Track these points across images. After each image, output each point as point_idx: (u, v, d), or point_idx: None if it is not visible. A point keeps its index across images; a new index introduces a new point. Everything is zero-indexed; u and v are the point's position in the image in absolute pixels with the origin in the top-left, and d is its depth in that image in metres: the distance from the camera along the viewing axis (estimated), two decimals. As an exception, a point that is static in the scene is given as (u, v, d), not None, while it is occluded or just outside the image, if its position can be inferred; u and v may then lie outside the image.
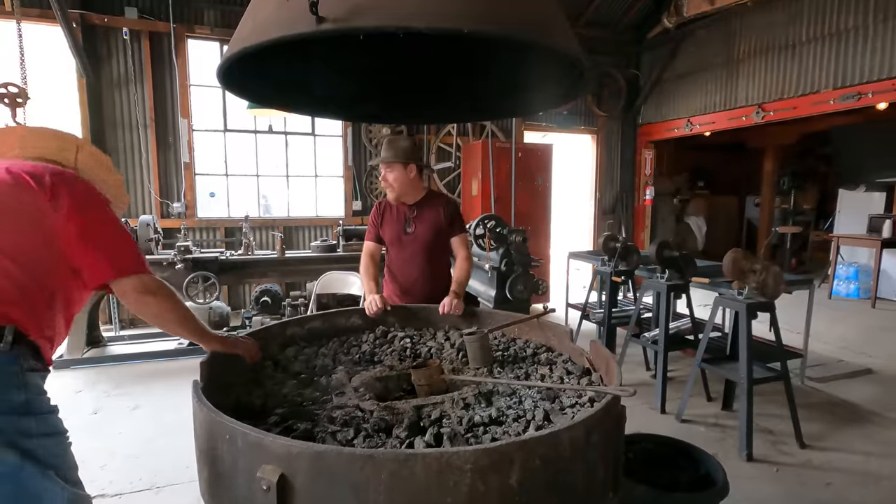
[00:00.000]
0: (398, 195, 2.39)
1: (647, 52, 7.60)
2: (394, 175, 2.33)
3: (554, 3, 1.26)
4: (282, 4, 1.10)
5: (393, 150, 2.32)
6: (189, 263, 4.41)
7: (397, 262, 2.51)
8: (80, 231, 1.19)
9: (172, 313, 1.32)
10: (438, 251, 2.48)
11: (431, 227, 2.42)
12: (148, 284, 1.27)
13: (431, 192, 2.53)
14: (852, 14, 5.05)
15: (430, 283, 2.46)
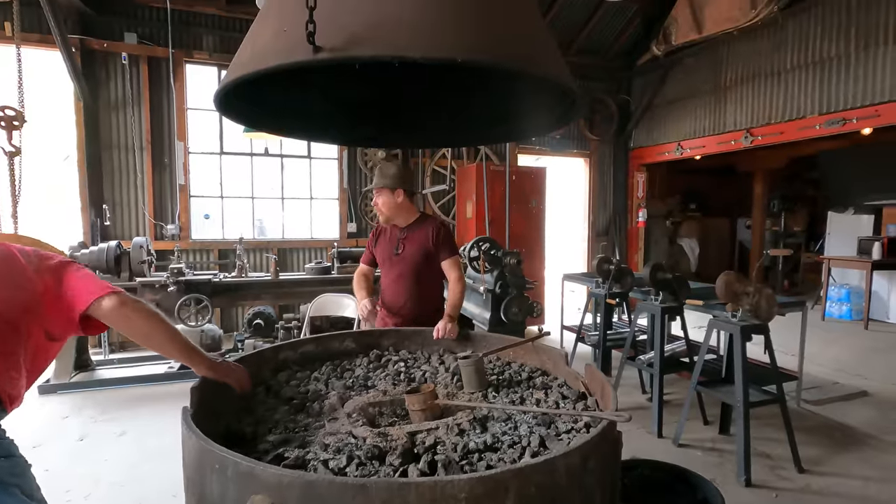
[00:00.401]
0: (387, 218, 2.51)
1: (637, 78, 7.77)
2: (382, 199, 2.45)
3: (545, 33, 1.29)
4: (279, 33, 1.13)
5: (381, 176, 2.45)
6: (182, 286, 4.38)
7: (387, 282, 2.57)
8: (56, 282, 1.26)
9: (157, 327, 1.32)
10: (427, 273, 2.51)
11: (420, 248, 2.47)
12: (125, 299, 1.29)
13: (424, 215, 2.60)
14: (834, 43, 5.20)
15: (418, 304, 2.49)
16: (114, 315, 1.27)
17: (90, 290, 1.26)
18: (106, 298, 1.26)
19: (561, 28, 6.88)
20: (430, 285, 2.55)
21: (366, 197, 6.55)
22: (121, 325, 1.29)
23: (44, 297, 1.24)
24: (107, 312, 1.27)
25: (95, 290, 1.27)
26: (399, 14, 1.04)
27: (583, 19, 6.92)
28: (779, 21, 5.58)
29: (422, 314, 2.45)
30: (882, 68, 4.80)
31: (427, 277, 2.52)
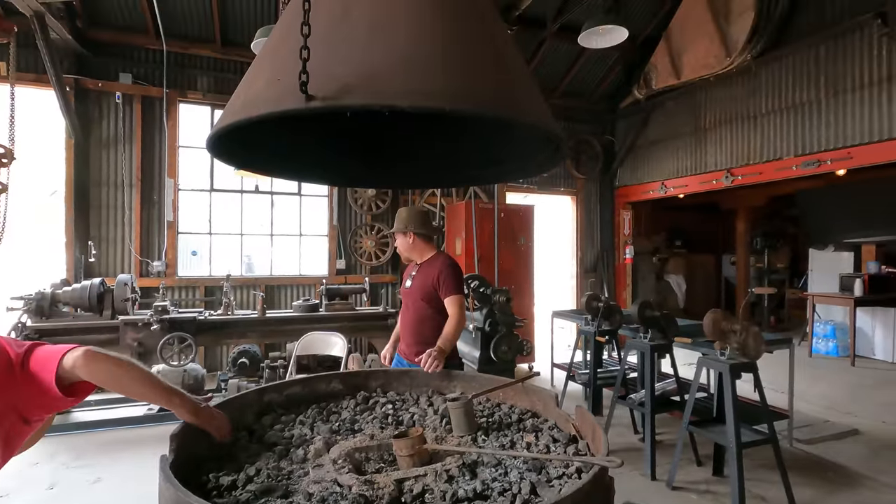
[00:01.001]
0: (406, 257, 2.88)
1: (620, 120, 8.05)
2: (399, 241, 2.77)
3: (530, 80, 1.35)
4: (273, 82, 1.16)
5: (396, 220, 2.75)
6: (165, 324, 4.29)
7: (401, 314, 2.87)
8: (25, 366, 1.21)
9: (131, 373, 1.27)
10: (426, 309, 2.67)
11: (423, 284, 2.68)
12: (90, 351, 1.24)
13: (439, 253, 2.79)
14: (805, 90, 5.47)
15: (416, 333, 2.68)
16: (82, 367, 1.21)
17: (53, 356, 1.21)
18: (68, 355, 1.21)
19: (546, 73, 7.16)
20: (429, 322, 2.65)
21: (355, 234, 6.57)
22: (93, 376, 1.24)
23: (20, 384, 1.19)
24: (73, 367, 1.21)
25: (58, 353, 1.23)
26: (389, 64, 1.08)
27: (567, 65, 7.21)
28: (752, 69, 5.87)
29: (418, 342, 2.61)
30: (852, 114, 5.04)
31: (426, 314, 2.67)
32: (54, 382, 1.18)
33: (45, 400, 1.21)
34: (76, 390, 1.23)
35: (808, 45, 5.39)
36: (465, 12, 1.25)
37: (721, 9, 5.70)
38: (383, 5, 1.17)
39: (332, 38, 1.12)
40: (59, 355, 1.21)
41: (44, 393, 1.19)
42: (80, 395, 1.25)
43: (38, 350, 1.23)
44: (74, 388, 1.23)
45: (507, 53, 1.32)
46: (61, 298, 4.27)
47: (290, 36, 1.16)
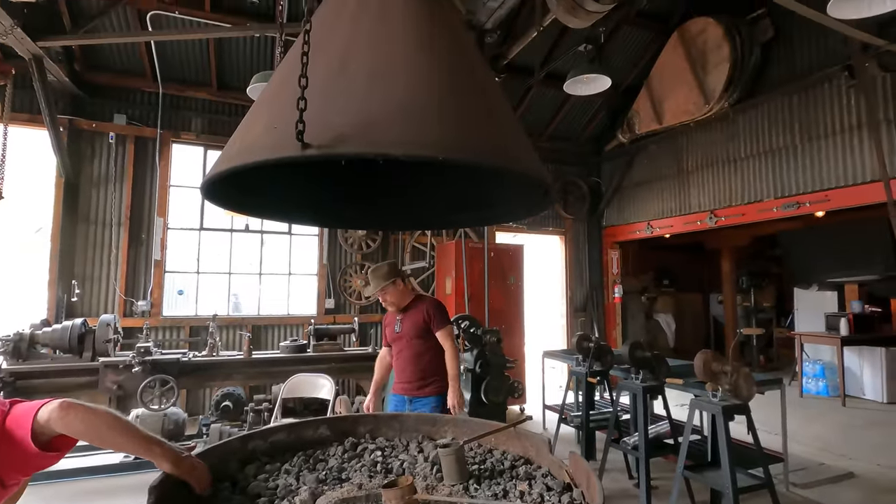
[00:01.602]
0: (397, 307, 2.99)
1: (606, 162, 8.28)
2: (390, 294, 2.94)
3: (518, 129, 1.39)
4: (269, 130, 1.19)
5: (378, 279, 2.91)
6: (147, 366, 4.17)
7: (394, 357, 3.08)
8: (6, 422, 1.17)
9: (108, 422, 1.22)
10: (422, 345, 2.97)
11: (414, 325, 2.95)
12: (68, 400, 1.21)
13: (418, 295, 3.09)
14: (781, 135, 5.70)
15: (415, 368, 2.97)
16: (58, 420, 1.16)
17: (28, 411, 1.17)
18: (43, 408, 1.17)
19: (534, 117, 7.40)
20: (428, 356, 2.99)
21: (345, 273, 6.55)
22: (69, 428, 1.19)
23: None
24: (48, 421, 1.16)
25: (33, 407, 1.19)
26: (384, 115, 1.12)
27: (553, 110, 7.47)
28: (730, 116, 6.13)
29: (418, 377, 2.96)
30: (826, 158, 5.25)
31: (424, 349, 2.97)
32: (30, 438, 1.13)
33: (23, 458, 1.15)
34: (54, 446, 1.18)
35: (781, 94, 5.66)
36: (457, 65, 1.31)
37: (698, 60, 6.00)
38: (379, 59, 1.22)
39: (328, 90, 1.17)
40: (35, 409, 1.17)
41: (21, 451, 1.14)
42: (59, 450, 1.20)
43: (16, 408, 1.19)
44: (52, 444, 1.18)
45: (497, 104, 1.37)
46: (40, 340, 4.15)
47: (288, 86, 1.19)
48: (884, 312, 7.43)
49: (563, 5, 3.55)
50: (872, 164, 4.77)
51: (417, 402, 3.01)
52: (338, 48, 1.29)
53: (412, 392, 2.98)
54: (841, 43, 4.91)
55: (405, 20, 1.35)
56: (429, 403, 2.99)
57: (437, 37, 1.34)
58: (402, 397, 3.06)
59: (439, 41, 1.33)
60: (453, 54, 1.33)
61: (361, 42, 1.29)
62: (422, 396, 2.99)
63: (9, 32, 3.96)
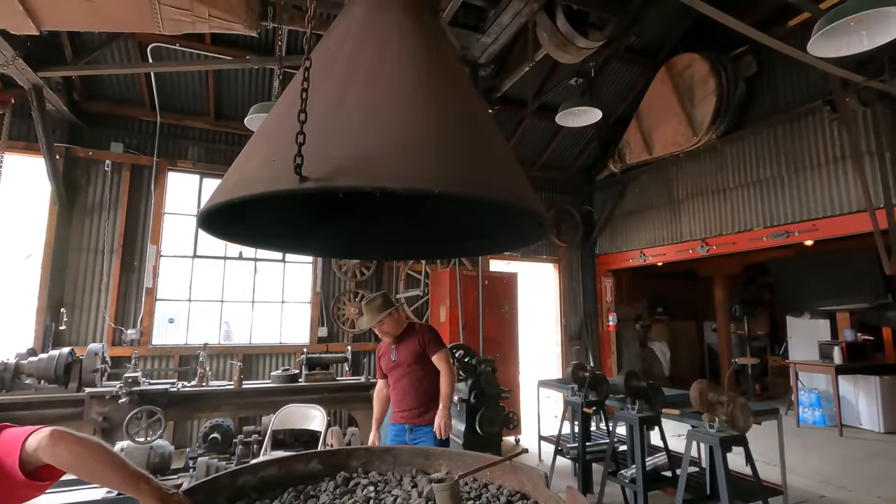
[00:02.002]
0: (393, 336, 3.02)
1: (598, 191, 8.40)
2: (388, 325, 2.98)
3: (514, 163, 1.42)
4: (268, 162, 1.21)
5: (375, 311, 2.94)
6: (135, 396, 4.07)
7: (392, 386, 3.09)
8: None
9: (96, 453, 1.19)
10: (420, 371, 3.00)
11: (411, 352, 2.99)
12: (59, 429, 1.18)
13: (411, 324, 3.13)
14: (768, 166, 5.83)
15: (414, 396, 2.99)
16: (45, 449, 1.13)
17: (17, 438, 1.14)
18: (32, 436, 1.14)
19: (527, 147, 7.54)
20: (425, 382, 3.02)
21: (338, 301, 6.51)
22: (57, 458, 1.15)
23: None
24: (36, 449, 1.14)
25: (22, 435, 1.16)
26: (381, 149, 1.14)
27: (546, 141, 7.62)
28: (718, 147, 6.28)
29: (418, 404, 2.98)
30: (813, 188, 5.36)
31: (420, 375, 3.00)
32: (17, 466, 1.10)
33: (10, 487, 1.11)
34: (40, 475, 1.15)
35: (766, 127, 5.82)
36: (453, 101, 1.34)
37: (685, 93, 6.18)
38: (376, 95, 1.25)
39: (327, 124, 1.19)
40: (24, 437, 1.14)
41: (8, 480, 1.10)
42: (44, 480, 1.16)
43: (5, 433, 1.16)
44: (38, 473, 1.15)
45: (492, 138, 1.40)
46: (25, 370, 4.06)
47: (287, 120, 1.22)
48: (876, 341, 7.46)
49: (555, 42, 3.67)
50: (858, 194, 4.87)
51: (419, 430, 2.99)
52: (336, 84, 1.32)
53: (412, 420, 2.98)
54: (822, 79, 5.08)
55: (402, 57, 1.39)
56: (430, 431, 2.96)
57: (434, 73, 1.38)
58: (402, 426, 3.04)
59: (436, 78, 1.37)
60: (449, 90, 1.36)
61: (360, 78, 1.33)
62: (422, 424, 2.98)
63: (10, 63, 4.02)
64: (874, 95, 4.62)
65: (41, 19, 2.56)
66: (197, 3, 2.35)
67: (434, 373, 3.06)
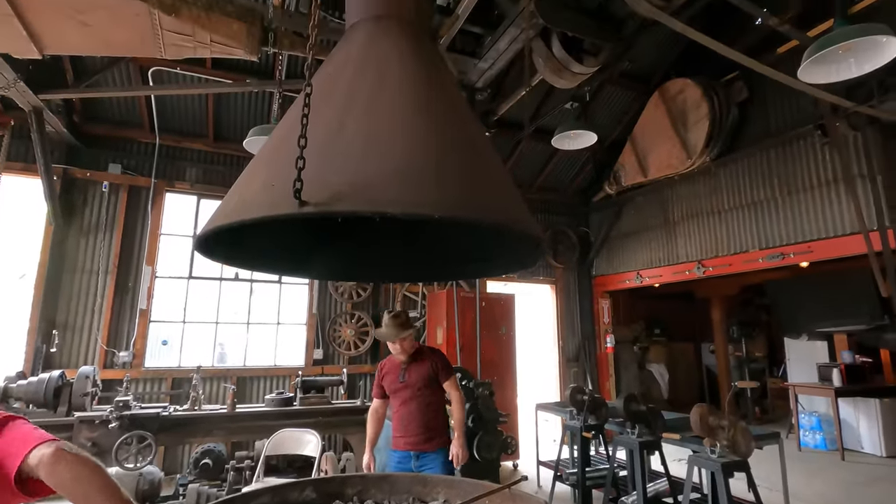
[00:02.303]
0: (407, 355, 2.96)
1: (594, 213, 8.45)
2: (409, 342, 2.95)
3: (511, 188, 1.43)
4: (267, 187, 1.21)
5: (399, 326, 2.91)
6: (125, 421, 3.99)
7: (395, 407, 2.99)
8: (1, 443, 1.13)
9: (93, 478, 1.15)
10: (430, 396, 2.95)
11: (422, 375, 2.94)
12: (62, 447, 1.14)
13: (421, 347, 3.09)
14: (762, 188, 5.90)
15: (423, 421, 2.90)
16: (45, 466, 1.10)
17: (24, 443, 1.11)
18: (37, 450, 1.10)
19: (523, 169, 7.61)
20: (433, 405, 2.97)
21: (335, 322, 6.46)
22: (53, 478, 1.12)
23: None
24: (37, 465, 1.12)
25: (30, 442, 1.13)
26: (381, 174, 1.15)
27: (542, 163, 7.70)
28: (712, 170, 6.36)
29: (426, 429, 2.89)
30: (807, 211, 5.41)
31: (429, 398, 2.95)
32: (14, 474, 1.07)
33: None
34: (31, 488, 1.12)
35: (759, 150, 5.91)
36: (452, 127, 1.35)
37: (679, 117, 6.28)
38: (376, 121, 1.27)
39: (327, 150, 1.20)
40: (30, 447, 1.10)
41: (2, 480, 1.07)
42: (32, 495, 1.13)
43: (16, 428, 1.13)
44: (30, 486, 1.11)
45: (489, 163, 1.41)
46: (14, 393, 3.98)
47: (287, 145, 1.22)
48: (874, 363, 7.43)
49: (550, 67, 3.74)
50: (851, 216, 4.92)
51: (426, 456, 2.89)
52: (337, 110, 1.33)
53: (419, 446, 2.87)
54: (812, 104, 5.18)
55: (402, 84, 1.41)
56: (438, 457, 2.89)
57: (433, 100, 1.39)
58: (406, 453, 2.91)
59: (436, 104, 1.39)
60: (448, 116, 1.38)
61: (360, 104, 1.34)
62: (430, 451, 2.89)
63: (11, 86, 4.05)
64: (864, 120, 4.71)
65: (44, 44, 2.59)
66: (199, 29, 2.39)
67: (441, 399, 3.01)
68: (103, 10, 2.22)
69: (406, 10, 1.63)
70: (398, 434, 2.95)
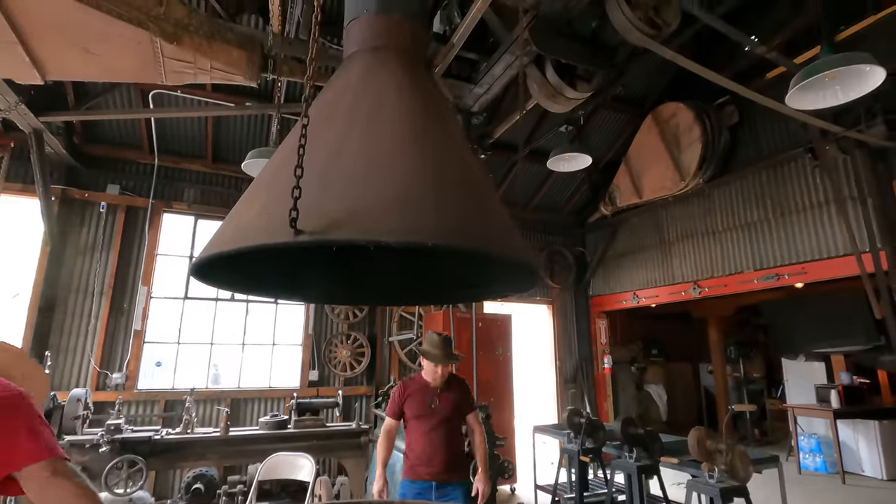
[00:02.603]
0: (445, 380, 2.91)
1: (590, 233, 8.50)
2: (447, 368, 2.91)
3: (505, 216, 1.45)
4: (263, 215, 1.23)
5: (447, 351, 2.88)
6: (116, 445, 3.93)
7: (418, 433, 2.86)
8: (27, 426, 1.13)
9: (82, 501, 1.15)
10: (456, 426, 2.95)
11: (451, 404, 2.89)
12: (59, 468, 1.13)
13: (451, 375, 3.04)
14: (755, 209, 5.96)
15: (448, 450, 2.83)
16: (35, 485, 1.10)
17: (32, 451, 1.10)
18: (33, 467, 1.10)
19: (519, 190, 7.67)
20: (456, 433, 2.95)
21: (330, 343, 6.42)
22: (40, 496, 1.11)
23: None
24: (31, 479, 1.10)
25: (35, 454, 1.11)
26: (376, 202, 1.17)
27: (537, 184, 7.77)
28: (705, 191, 6.43)
29: (450, 460, 2.82)
30: (800, 232, 5.46)
31: (454, 427, 2.93)
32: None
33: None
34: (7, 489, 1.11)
35: (751, 172, 5.99)
36: (447, 157, 1.38)
37: (672, 140, 6.38)
38: (373, 150, 1.29)
39: (323, 178, 1.22)
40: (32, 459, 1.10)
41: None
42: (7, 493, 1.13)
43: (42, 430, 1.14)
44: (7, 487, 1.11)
45: (484, 191, 1.43)
46: (4, 416, 3.91)
47: (284, 173, 1.24)
48: (872, 384, 7.41)
49: (544, 92, 3.82)
50: (844, 238, 4.97)
51: (448, 486, 2.80)
52: (334, 137, 1.36)
53: (443, 477, 2.78)
54: (801, 128, 5.28)
55: (398, 112, 1.44)
56: (460, 487, 2.83)
57: (429, 129, 1.43)
58: (426, 483, 2.79)
59: (431, 133, 1.42)
60: (444, 146, 1.41)
61: (357, 132, 1.37)
62: (453, 482, 2.83)
63: (13, 108, 4.10)
64: (853, 144, 4.80)
65: (46, 70, 2.64)
66: (200, 57, 2.44)
67: (461, 430, 3.01)
68: (107, 38, 2.27)
69: (403, 41, 1.68)
70: (418, 463, 2.81)
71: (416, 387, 2.93)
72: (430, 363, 2.88)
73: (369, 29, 1.65)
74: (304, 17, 3.57)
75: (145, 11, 2.25)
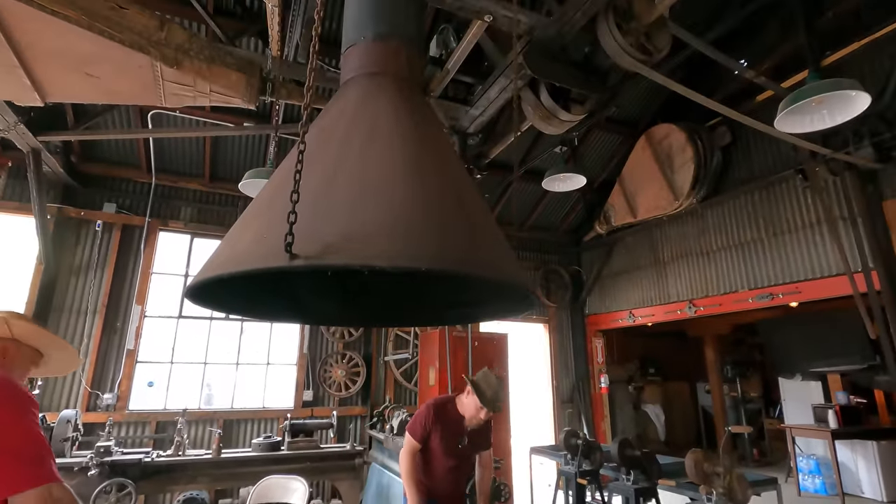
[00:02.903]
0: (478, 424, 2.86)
1: (585, 252, 8.54)
2: (490, 415, 2.83)
3: (500, 239, 1.47)
4: (258, 239, 1.24)
5: (499, 397, 2.81)
6: (106, 468, 3.86)
7: (442, 468, 2.85)
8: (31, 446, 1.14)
9: None
10: (473, 459, 3.05)
11: (480, 443, 2.97)
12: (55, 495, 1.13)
13: None
14: (748, 229, 6.02)
15: (464, 485, 3.01)
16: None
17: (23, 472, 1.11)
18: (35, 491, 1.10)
19: (515, 209, 7.73)
20: (472, 469, 3.08)
21: (325, 363, 6.37)
22: None
23: None
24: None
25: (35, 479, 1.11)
26: (371, 227, 1.18)
27: (533, 203, 7.83)
28: (699, 211, 6.49)
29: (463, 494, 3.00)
30: (793, 251, 5.51)
31: (472, 465, 3.05)
32: None
33: None
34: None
35: (744, 193, 6.06)
36: (442, 183, 1.40)
37: (665, 161, 6.47)
38: (367, 175, 1.31)
39: (318, 203, 1.23)
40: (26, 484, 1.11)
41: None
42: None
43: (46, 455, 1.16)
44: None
45: (479, 215, 1.45)
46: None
47: (280, 198, 1.26)
48: (869, 404, 7.39)
49: (539, 115, 3.88)
50: (836, 258, 5.01)
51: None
52: (329, 163, 1.38)
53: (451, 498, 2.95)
54: (792, 149, 5.37)
55: (394, 138, 1.47)
56: None
57: (424, 154, 1.45)
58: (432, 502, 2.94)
59: (426, 158, 1.44)
60: (439, 172, 1.43)
61: (352, 158, 1.39)
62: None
63: (11, 128, 4.13)
64: (842, 165, 4.87)
65: (46, 92, 2.66)
66: (199, 80, 2.48)
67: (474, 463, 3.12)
68: (108, 62, 2.31)
69: (399, 67, 1.71)
70: (433, 490, 2.89)
71: (448, 418, 2.83)
72: (476, 402, 2.74)
73: (367, 56, 1.69)
74: (302, 41, 3.64)
75: (146, 36, 2.30)
